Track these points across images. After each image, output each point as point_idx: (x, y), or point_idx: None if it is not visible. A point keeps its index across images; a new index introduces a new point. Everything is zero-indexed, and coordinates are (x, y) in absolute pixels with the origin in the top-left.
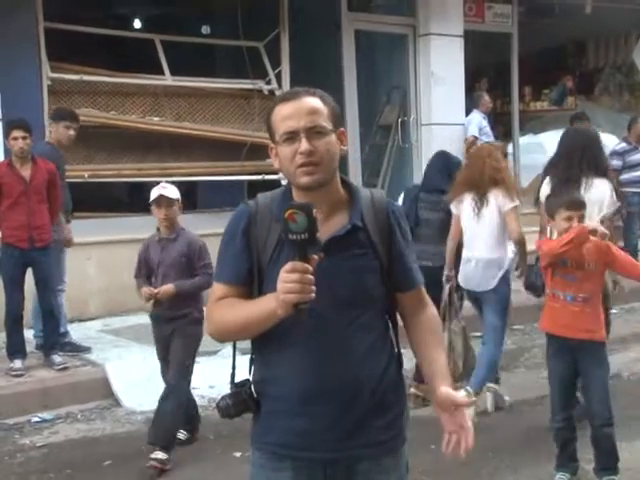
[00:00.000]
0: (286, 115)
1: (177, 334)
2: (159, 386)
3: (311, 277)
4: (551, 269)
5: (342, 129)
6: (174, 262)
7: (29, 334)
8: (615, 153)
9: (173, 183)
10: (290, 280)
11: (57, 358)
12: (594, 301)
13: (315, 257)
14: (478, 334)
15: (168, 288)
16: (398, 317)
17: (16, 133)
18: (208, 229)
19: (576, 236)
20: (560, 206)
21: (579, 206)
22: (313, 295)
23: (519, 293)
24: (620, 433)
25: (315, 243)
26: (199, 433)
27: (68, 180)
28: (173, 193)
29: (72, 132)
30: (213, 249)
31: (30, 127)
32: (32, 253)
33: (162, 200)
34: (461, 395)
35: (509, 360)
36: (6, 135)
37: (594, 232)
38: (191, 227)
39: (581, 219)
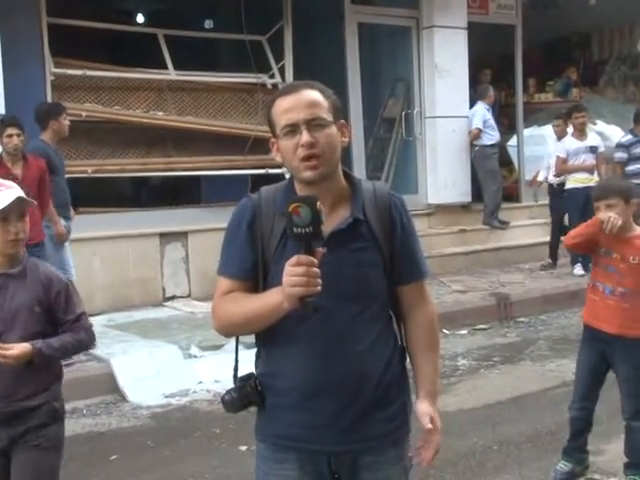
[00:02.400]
0: (286, 108)
1: (28, 445)
2: (165, 381)
3: (317, 270)
4: (594, 259)
5: (343, 121)
6: (20, 312)
7: None
8: (621, 145)
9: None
10: (296, 273)
11: None
12: (634, 297)
13: (320, 250)
14: None
15: (24, 349)
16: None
17: (10, 130)
18: (211, 224)
19: (584, 229)
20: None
21: (599, 196)
22: (319, 288)
23: (522, 285)
24: (621, 424)
25: (320, 236)
26: (205, 427)
27: (72, 175)
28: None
29: (68, 122)
30: (217, 244)
31: (22, 125)
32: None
33: (16, 208)
34: (426, 420)
35: (514, 352)
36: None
37: (603, 222)
38: (194, 222)
39: (609, 208)
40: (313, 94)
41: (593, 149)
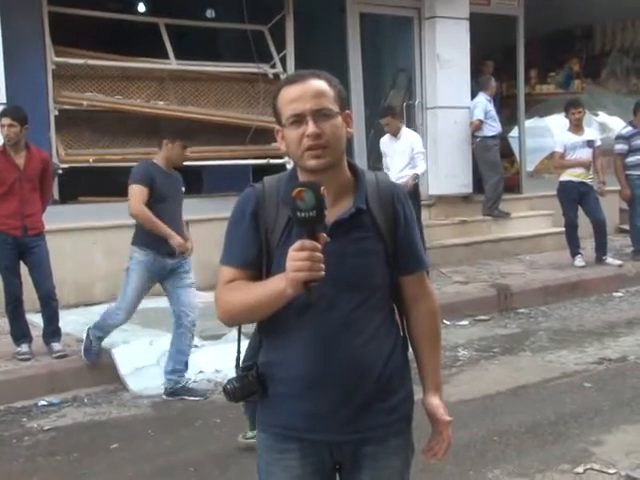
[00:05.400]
0: (292, 98)
1: None
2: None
3: (320, 255)
4: None
5: (348, 112)
6: None
7: (35, 318)
8: (621, 137)
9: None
10: (299, 258)
11: (56, 346)
12: None
13: (324, 235)
14: None
15: None
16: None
17: (4, 121)
18: (213, 214)
19: None
20: None
21: None
22: (322, 273)
23: (522, 276)
24: (621, 415)
25: (323, 221)
26: (205, 416)
27: (73, 165)
28: None
29: (188, 153)
30: (219, 234)
31: (22, 116)
32: (25, 240)
33: None
34: (441, 412)
35: (514, 343)
36: None
37: None
38: (196, 212)
39: None
40: (319, 84)
41: (590, 143)
